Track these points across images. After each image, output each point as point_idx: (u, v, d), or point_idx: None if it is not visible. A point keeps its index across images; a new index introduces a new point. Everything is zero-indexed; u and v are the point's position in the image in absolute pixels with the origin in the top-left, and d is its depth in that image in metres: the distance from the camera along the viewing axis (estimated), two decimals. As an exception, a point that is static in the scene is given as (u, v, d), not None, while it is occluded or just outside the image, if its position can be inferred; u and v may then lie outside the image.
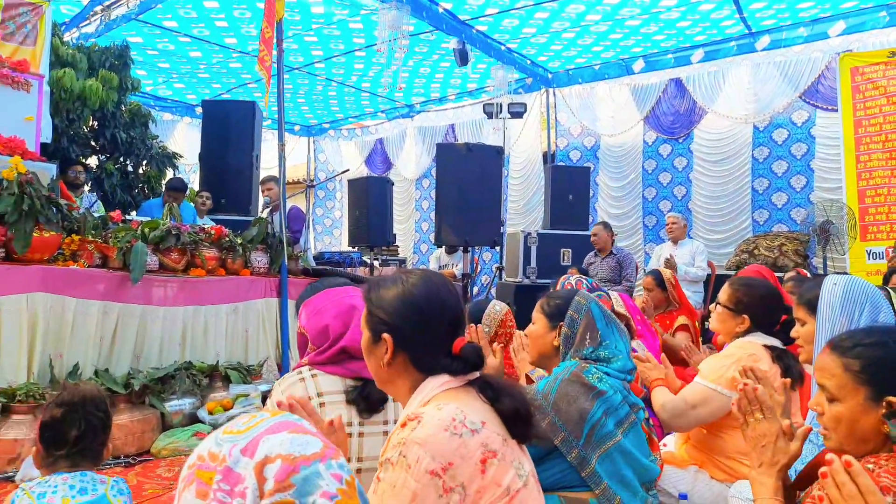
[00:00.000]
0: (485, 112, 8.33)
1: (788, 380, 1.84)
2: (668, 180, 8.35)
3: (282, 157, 5.09)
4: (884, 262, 6.11)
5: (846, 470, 0.93)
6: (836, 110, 6.81)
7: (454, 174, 5.74)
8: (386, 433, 1.65)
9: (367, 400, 1.63)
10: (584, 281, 3.26)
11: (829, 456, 0.98)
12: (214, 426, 3.55)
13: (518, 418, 1.23)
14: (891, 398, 1.16)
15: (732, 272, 6.49)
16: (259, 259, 4.69)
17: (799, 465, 1.54)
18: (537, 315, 2.06)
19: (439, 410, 1.15)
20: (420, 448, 1.10)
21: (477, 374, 1.28)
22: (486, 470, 1.13)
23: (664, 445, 2.63)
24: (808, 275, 4.90)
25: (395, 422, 1.66)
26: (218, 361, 4.12)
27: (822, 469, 0.97)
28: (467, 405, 1.20)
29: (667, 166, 8.35)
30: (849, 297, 1.88)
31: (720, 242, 7.79)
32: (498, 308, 2.79)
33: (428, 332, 1.25)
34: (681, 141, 8.21)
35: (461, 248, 6.27)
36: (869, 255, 6.47)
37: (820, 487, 0.96)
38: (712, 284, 6.39)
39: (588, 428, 1.72)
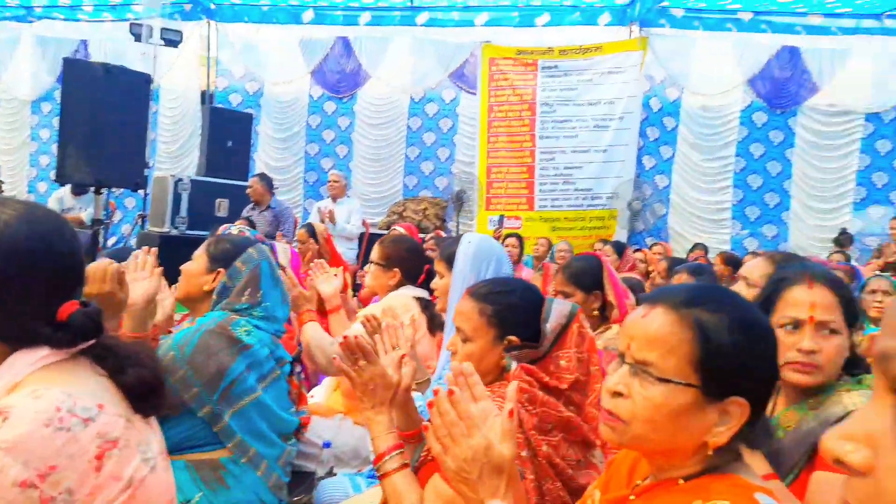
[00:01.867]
0: (131, 33, 7.14)
1: (413, 315, 1.96)
2: (332, 138, 8.47)
3: None
4: (491, 230, 7.22)
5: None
6: (476, 94, 7.75)
7: (87, 98, 4.74)
8: None
9: None
10: (248, 231, 3.09)
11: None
12: None
13: (146, 390, 1.00)
14: (511, 337, 1.36)
15: (384, 231, 6.95)
16: None
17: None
18: (200, 253, 1.91)
19: (36, 400, 0.87)
20: (7, 455, 0.82)
21: (91, 341, 0.98)
22: (104, 466, 0.90)
23: (311, 397, 2.69)
24: (444, 235, 5.52)
25: None
26: None
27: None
28: (77, 385, 0.92)
29: (331, 124, 8.45)
30: (479, 253, 2.09)
31: (374, 203, 8.26)
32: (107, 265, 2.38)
33: (17, 290, 0.93)
34: (345, 101, 8.38)
35: (92, 189, 5.30)
36: (490, 222, 7.61)
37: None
38: (366, 241, 6.73)
39: (226, 383, 1.65)
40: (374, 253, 2.56)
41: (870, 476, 0.41)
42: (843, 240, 7.07)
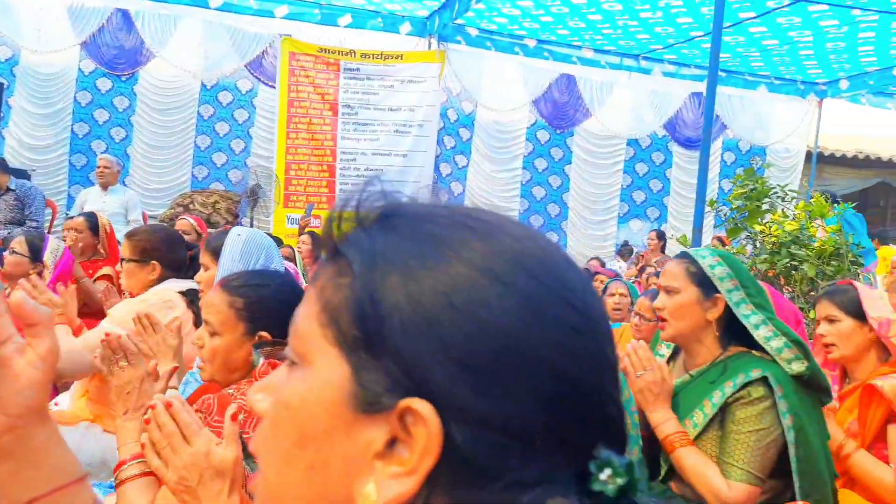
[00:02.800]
0: None
1: (179, 323, 1.78)
2: (106, 118, 7.55)
3: None
4: (296, 227, 7.04)
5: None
6: (275, 87, 7.45)
7: None
8: None
9: None
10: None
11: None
12: None
13: None
14: (262, 333, 1.30)
15: (166, 223, 6.35)
16: None
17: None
18: None
19: None
20: None
21: None
22: None
23: (56, 405, 2.45)
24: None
25: None
26: None
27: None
28: None
29: (105, 103, 7.52)
30: (248, 246, 1.98)
31: (157, 193, 7.53)
32: None
33: None
34: (124, 79, 7.52)
35: None
36: (288, 220, 7.36)
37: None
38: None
39: None
40: (125, 249, 2.31)
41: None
42: (625, 251, 8.33)
